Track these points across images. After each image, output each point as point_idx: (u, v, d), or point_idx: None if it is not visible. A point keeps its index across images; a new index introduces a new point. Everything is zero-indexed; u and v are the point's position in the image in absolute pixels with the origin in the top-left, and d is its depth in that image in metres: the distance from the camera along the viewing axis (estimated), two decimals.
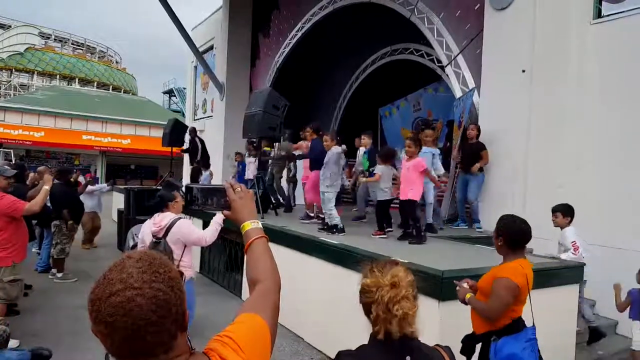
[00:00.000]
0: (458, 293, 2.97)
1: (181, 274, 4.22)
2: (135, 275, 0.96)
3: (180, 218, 4.39)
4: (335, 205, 6.11)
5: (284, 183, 9.19)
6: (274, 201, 8.60)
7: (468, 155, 6.87)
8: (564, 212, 4.99)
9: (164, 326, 0.96)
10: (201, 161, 11.66)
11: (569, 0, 6.12)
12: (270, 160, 9.05)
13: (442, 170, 6.60)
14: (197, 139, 11.51)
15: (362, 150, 7.91)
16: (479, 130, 6.90)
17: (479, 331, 2.88)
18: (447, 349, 1.81)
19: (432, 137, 6.71)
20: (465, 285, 2.99)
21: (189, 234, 4.33)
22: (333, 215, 5.98)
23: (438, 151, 6.68)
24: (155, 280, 0.97)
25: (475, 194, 6.75)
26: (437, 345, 1.81)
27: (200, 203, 1.60)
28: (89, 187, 10.33)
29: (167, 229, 4.23)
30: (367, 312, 1.72)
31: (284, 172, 9.15)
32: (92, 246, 10.31)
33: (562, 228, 5.00)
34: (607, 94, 5.70)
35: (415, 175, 5.52)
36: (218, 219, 4.47)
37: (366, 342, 1.77)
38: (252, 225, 1.48)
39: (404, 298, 1.65)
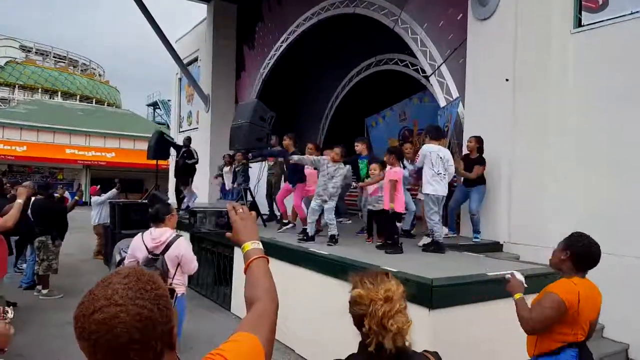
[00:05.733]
0: (508, 286, 2.81)
1: (173, 291, 4.16)
2: (120, 292, 0.95)
3: (180, 236, 4.32)
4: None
5: None
6: (276, 213, 8.69)
7: (469, 169, 6.65)
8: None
9: (148, 344, 0.94)
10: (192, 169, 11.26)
11: (550, 10, 6.24)
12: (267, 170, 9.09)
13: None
14: (191, 149, 11.25)
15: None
16: (477, 142, 6.62)
17: (529, 354, 2.77)
18: (435, 354, 1.81)
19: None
20: (519, 277, 2.82)
21: (189, 259, 4.22)
22: (335, 225, 6.05)
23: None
24: (140, 297, 0.95)
25: (477, 205, 6.59)
26: (425, 351, 1.81)
27: (203, 224, 1.64)
28: (99, 198, 10.31)
29: (167, 246, 4.15)
30: (359, 323, 1.70)
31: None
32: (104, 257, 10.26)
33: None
34: (588, 101, 5.80)
35: (389, 184, 5.55)
36: None
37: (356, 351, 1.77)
38: (252, 245, 1.47)
39: (398, 312, 1.64)
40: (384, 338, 1.60)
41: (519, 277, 2.83)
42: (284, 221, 7.31)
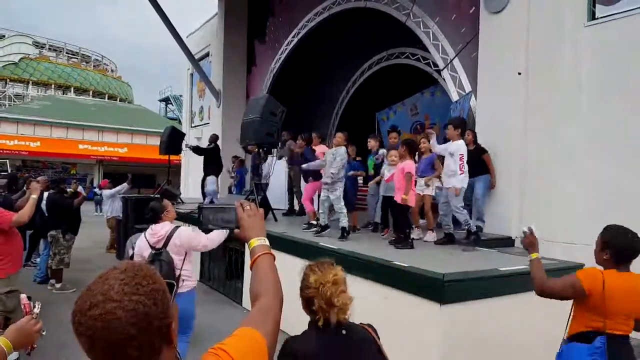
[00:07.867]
0: (526, 242, 2.90)
1: (172, 286, 4.16)
2: (116, 288, 0.94)
3: (178, 226, 4.35)
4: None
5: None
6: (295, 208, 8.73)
7: (471, 162, 6.66)
8: (455, 125, 5.76)
9: (145, 340, 0.94)
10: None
11: (563, 2, 6.14)
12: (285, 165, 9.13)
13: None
14: (214, 144, 11.18)
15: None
16: (474, 135, 6.79)
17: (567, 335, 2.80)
18: (370, 325, 2.11)
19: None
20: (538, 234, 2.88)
21: (191, 240, 4.24)
22: (345, 214, 6.00)
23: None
24: (136, 292, 0.95)
25: (482, 192, 6.64)
26: (361, 323, 2.12)
27: (211, 222, 1.65)
28: (110, 191, 10.36)
29: (167, 238, 4.17)
30: (309, 304, 2.05)
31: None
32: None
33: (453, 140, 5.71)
34: (602, 94, 5.72)
35: (402, 177, 5.53)
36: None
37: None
38: (258, 242, 1.48)
39: (342, 292, 2.00)
40: (329, 314, 1.96)
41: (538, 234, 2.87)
42: (312, 222, 7.28)
